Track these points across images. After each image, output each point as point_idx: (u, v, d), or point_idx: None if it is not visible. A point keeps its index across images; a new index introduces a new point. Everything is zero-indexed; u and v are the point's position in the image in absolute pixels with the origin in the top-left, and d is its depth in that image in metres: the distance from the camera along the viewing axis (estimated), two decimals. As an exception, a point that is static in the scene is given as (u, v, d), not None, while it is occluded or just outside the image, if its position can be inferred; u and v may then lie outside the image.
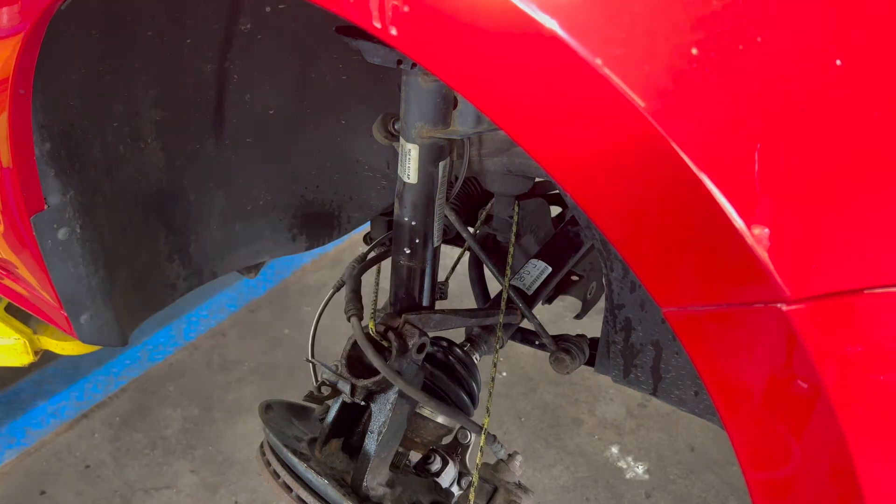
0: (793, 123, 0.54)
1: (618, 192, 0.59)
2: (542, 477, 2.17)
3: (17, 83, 0.94)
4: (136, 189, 1.27)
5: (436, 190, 1.04)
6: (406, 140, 0.99)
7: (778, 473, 0.63)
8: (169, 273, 1.39)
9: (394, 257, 1.10)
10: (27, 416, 2.32)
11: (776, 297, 0.55)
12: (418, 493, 1.11)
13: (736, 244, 0.54)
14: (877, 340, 0.55)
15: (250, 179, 1.44)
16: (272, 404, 1.18)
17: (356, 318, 1.08)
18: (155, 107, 1.22)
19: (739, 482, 2.12)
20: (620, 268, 0.97)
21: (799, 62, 0.55)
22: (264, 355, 2.60)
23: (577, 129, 0.58)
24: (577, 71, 0.55)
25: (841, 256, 0.55)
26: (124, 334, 1.31)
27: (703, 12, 0.55)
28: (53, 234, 1.13)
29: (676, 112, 0.54)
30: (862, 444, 0.56)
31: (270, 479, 1.09)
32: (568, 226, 1.45)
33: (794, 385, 0.58)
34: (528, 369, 2.54)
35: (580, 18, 0.55)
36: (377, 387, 1.04)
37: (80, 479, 2.12)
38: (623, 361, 1.04)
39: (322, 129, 1.47)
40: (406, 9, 0.61)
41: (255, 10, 1.21)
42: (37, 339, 1.99)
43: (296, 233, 1.57)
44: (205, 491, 2.09)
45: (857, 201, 0.55)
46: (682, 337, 0.62)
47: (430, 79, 0.92)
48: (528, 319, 1.25)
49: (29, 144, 1.03)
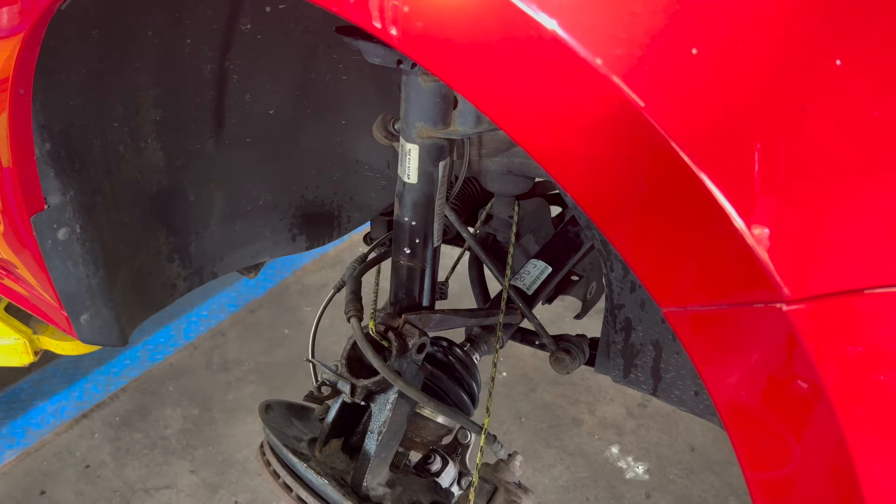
0: (793, 123, 0.54)
1: (618, 192, 0.59)
2: (542, 477, 2.17)
3: (17, 83, 0.94)
4: (136, 189, 1.27)
5: (436, 190, 1.04)
6: (406, 140, 0.99)
7: (778, 473, 0.63)
8: (169, 273, 1.39)
9: (394, 257, 1.10)
10: (27, 416, 2.32)
11: (776, 297, 0.55)
12: (418, 493, 1.11)
13: (736, 244, 0.54)
14: (877, 340, 0.55)
15: (250, 179, 1.44)
16: (272, 404, 1.18)
17: (356, 319, 1.08)
18: (155, 107, 1.22)
19: (739, 482, 2.12)
20: (620, 268, 0.97)
21: (799, 62, 0.55)
22: (264, 355, 2.60)
23: (577, 129, 0.58)
24: (578, 71, 0.55)
25: (841, 256, 0.55)
26: (124, 334, 1.31)
27: (703, 12, 0.55)
28: (53, 234, 1.13)
29: (676, 112, 0.54)
30: (862, 444, 0.56)
31: (270, 479, 1.09)
32: (568, 226, 1.45)
33: (794, 385, 0.58)
34: (528, 369, 2.54)
35: (580, 18, 0.55)
36: (377, 387, 1.04)
37: (80, 479, 2.12)
38: (623, 361, 1.03)
39: (322, 129, 1.47)
40: (406, 9, 0.61)
41: (255, 10, 1.21)
42: (37, 339, 2.00)
43: (296, 233, 1.57)
44: (205, 491, 2.09)
45: (857, 201, 0.55)
46: (682, 337, 0.62)
47: (430, 79, 0.92)
48: (528, 319, 1.25)
49: (29, 144, 1.03)
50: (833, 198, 0.55)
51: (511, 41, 0.57)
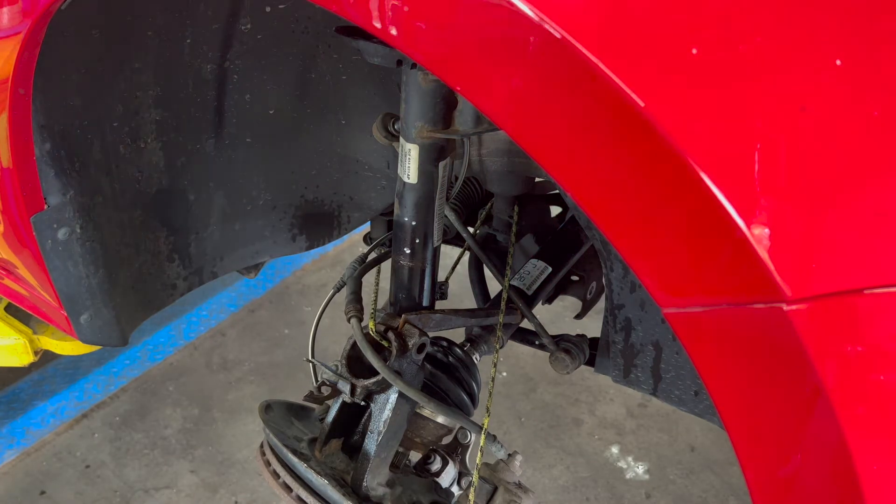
0: (793, 123, 0.54)
1: (618, 192, 0.59)
2: (542, 477, 2.17)
3: (17, 83, 0.94)
4: (136, 189, 1.27)
5: (436, 190, 1.04)
6: (406, 140, 0.99)
7: (778, 474, 0.63)
8: (169, 273, 1.40)
9: (394, 257, 1.10)
10: (27, 416, 2.32)
11: (776, 297, 0.55)
12: (418, 493, 1.11)
13: (736, 244, 0.54)
14: (877, 340, 0.55)
15: (250, 179, 1.44)
16: (272, 404, 1.18)
17: (356, 319, 1.08)
18: (155, 107, 1.21)
19: (739, 482, 2.12)
20: (620, 268, 0.97)
21: (799, 62, 0.55)
22: (264, 355, 2.60)
23: (577, 129, 0.58)
24: (578, 71, 0.55)
25: (841, 256, 0.55)
26: (124, 334, 1.31)
27: (703, 12, 0.55)
28: (53, 234, 1.13)
29: (676, 112, 0.54)
30: (862, 444, 0.56)
31: (270, 479, 1.09)
32: (568, 226, 1.45)
33: (794, 385, 0.58)
34: (528, 369, 2.54)
35: (581, 18, 0.55)
36: (377, 387, 1.04)
37: (80, 479, 2.12)
38: (623, 361, 1.03)
39: (322, 129, 1.47)
40: (406, 9, 0.61)
41: (255, 10, 1.21)
42: (37, 339, 2.00)
43: (296, 233, 1.57)
44: (205, 491, 2.09)
45: (858, 201, 0.55)
46: (682, 337, 0.62)
47: (430, 79, 0.92)
48: (528, 319, 1.25)
49: (29, 144, 1.03)
50: (833, 198, 0.55)
51: (511, 41, 0.57)
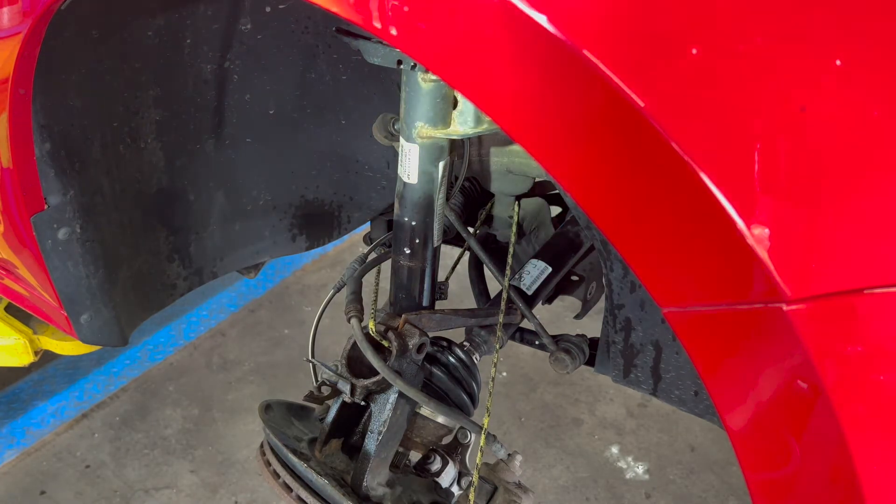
0: (793, 123, 0.54)
1: (618, 192, 0.59)
2: (542, 477, 2.17)
3: (17, 83, 0.94)
4: (136, 189, 1.27)
5: (436, 190, 1.04)
6: (406, 140, 0.99)
7: (778, 474, 0.63)
8: (169, 273, 1.40)
9: (394, 257, 1.10)
10: (27, 416, 2.32)
11: (776, 297, 0.55)
12: (418, 493, 1.11)
13: (736, 244, 0.54)
14: (877, 340, 0.55)
15: (250, 179, 1.45)
16: (272, 404, 1.18)
17: (356, 319, 1.08)
18: (155, 107, 1.22)
19: (739, 482, 2.12)
20: (620, 268, 0.97)
21: (799, 62, 0.55)
22: (264, 355, 2.60)
23: (577, 128, 0.58)
24: (578, 70, 0.55)
25: (841, 256, 0.55)
26: (124, 334, 1.31)
27: (702, 12, 0.55)
28: (53, 234, 1.13)
29: (676, 112, 0.54)
30: (862, 444, 0.56)
31: (270, 479, 1.09)
32: (568, 226, 1.45)
33: (794, 385, 0.58)
34: (528, 369, 2.54)
35: (580, 18, 0.55)
36: (377, 387, 1.04)
37: (80, 479, 2.12)
38: (623, 361, 1.03)
39: (322, 129, 1.47)
40: (406, 9, 0.61)
41: (255, 10, 1.21)
42: (37, 339, 1.99)
43: (296, 233, 1.57)
44: (205, 491, 2.09)
45: (857, 201, 0.55)
46: (682, 337, 0.62)
47: (430, 79, 0.92)
48: (528, 319, 1.25)
49: (29, 144, 1.03)
50: (833, 198, 0.55)
51: (511, 41, 0.57)
